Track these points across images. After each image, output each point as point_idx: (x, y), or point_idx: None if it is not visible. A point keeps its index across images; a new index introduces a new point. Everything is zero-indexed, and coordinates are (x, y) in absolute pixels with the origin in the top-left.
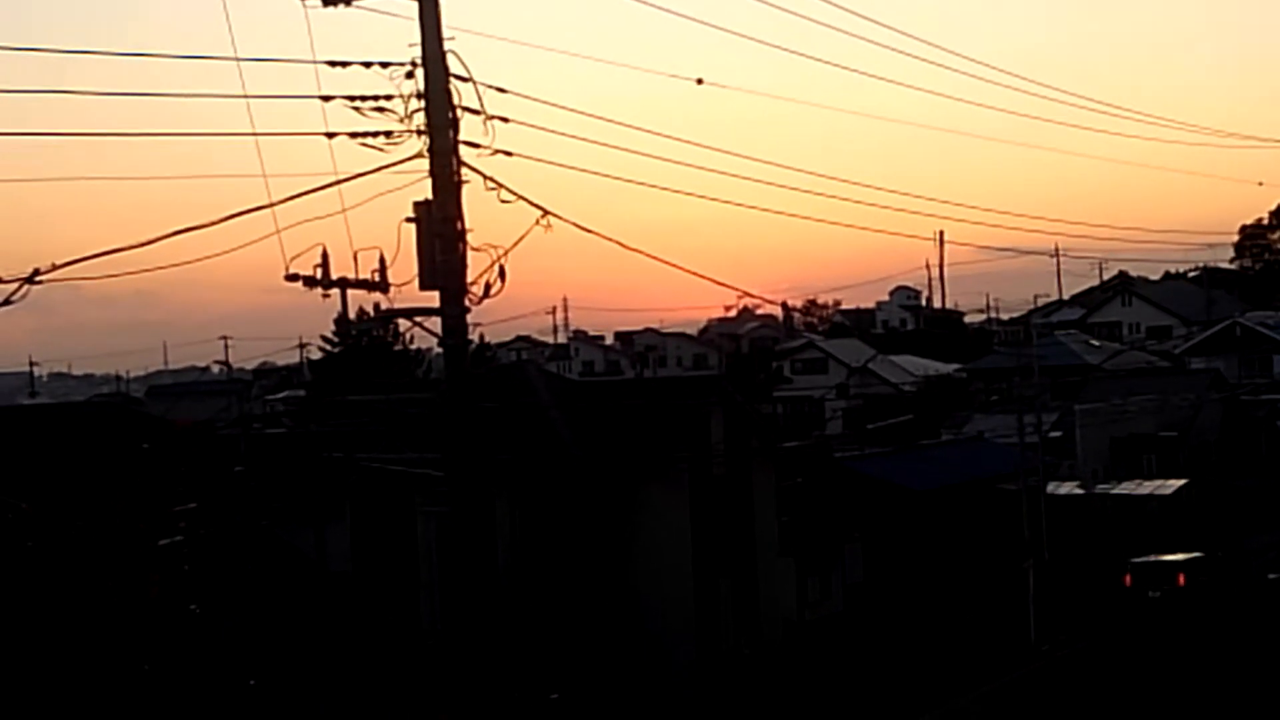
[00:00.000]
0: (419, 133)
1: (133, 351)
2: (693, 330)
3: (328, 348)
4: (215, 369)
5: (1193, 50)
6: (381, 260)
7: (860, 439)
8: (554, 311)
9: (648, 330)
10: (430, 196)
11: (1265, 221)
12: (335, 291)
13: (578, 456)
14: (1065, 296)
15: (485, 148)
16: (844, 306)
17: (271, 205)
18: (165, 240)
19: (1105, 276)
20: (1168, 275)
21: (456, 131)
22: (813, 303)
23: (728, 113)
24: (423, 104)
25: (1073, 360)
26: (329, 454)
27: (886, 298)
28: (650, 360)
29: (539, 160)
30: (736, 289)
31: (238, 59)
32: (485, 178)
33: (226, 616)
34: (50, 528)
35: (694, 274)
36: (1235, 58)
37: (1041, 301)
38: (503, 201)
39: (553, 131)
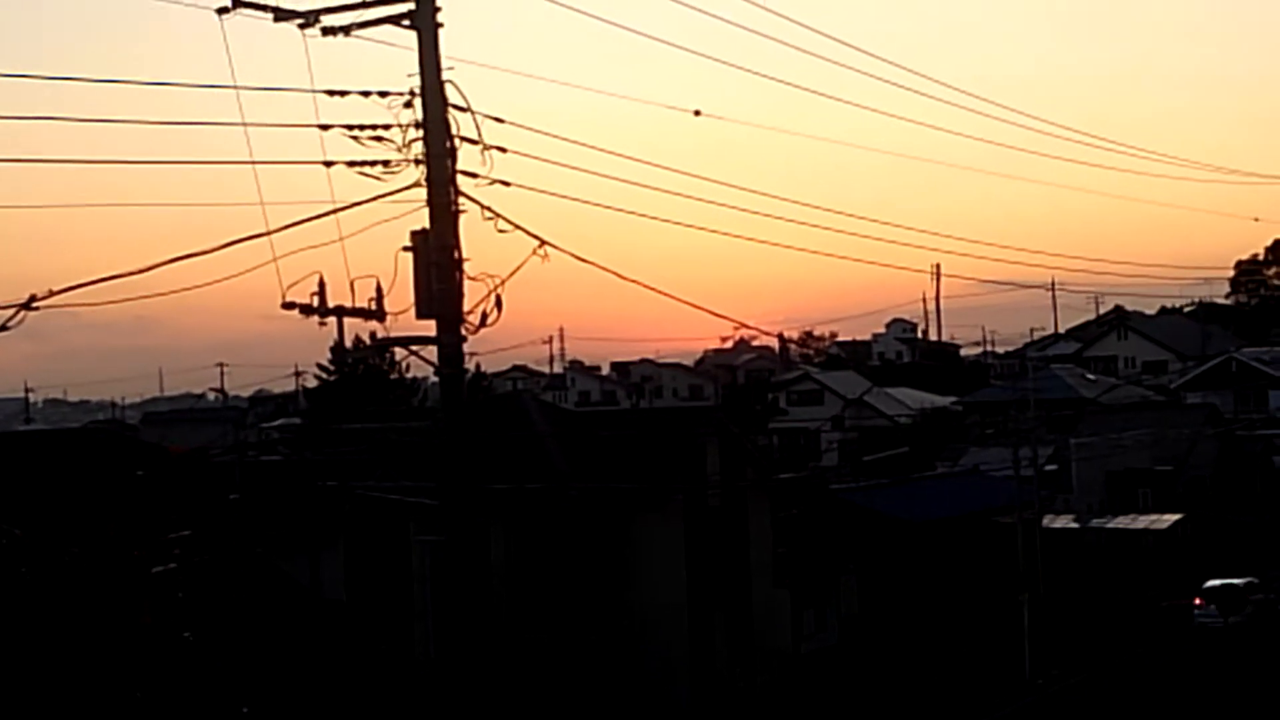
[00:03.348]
0: (417, 162)
1: (128, 378)
2: (689, 361)
3: (324, 376)
4: (211, 396)
5: (1190, 86)
6: (378, 289)
7: (856, 471)
8: (550, 341)
9: (644, 361)
10: (427, 225)
11: (1261, 257)
12: (332, 319)
13: (573, 487)
14: (1061, 330)
15: (483, 177)
16: (840, 338)
17: (269, 233)
18: (162, 267)
19: (1101, 311)
20: (1164, 310)
21: (454, 161)
22: (809, 334)
23: (725, 144)
24: (421, 133)
25: (1068, 394)
26: (324, 482)
27: (883, 330)
28: (646, 391)
29: (536, 190)
30: (733, 320)
31: (237, 87)
32: (483, 207)
33: (220, 644)
34: (44, 554)
35: (690, 305)
36: (1233, 94)
37: (1038, 335)
38: (500, 231)
39: (550, 162)
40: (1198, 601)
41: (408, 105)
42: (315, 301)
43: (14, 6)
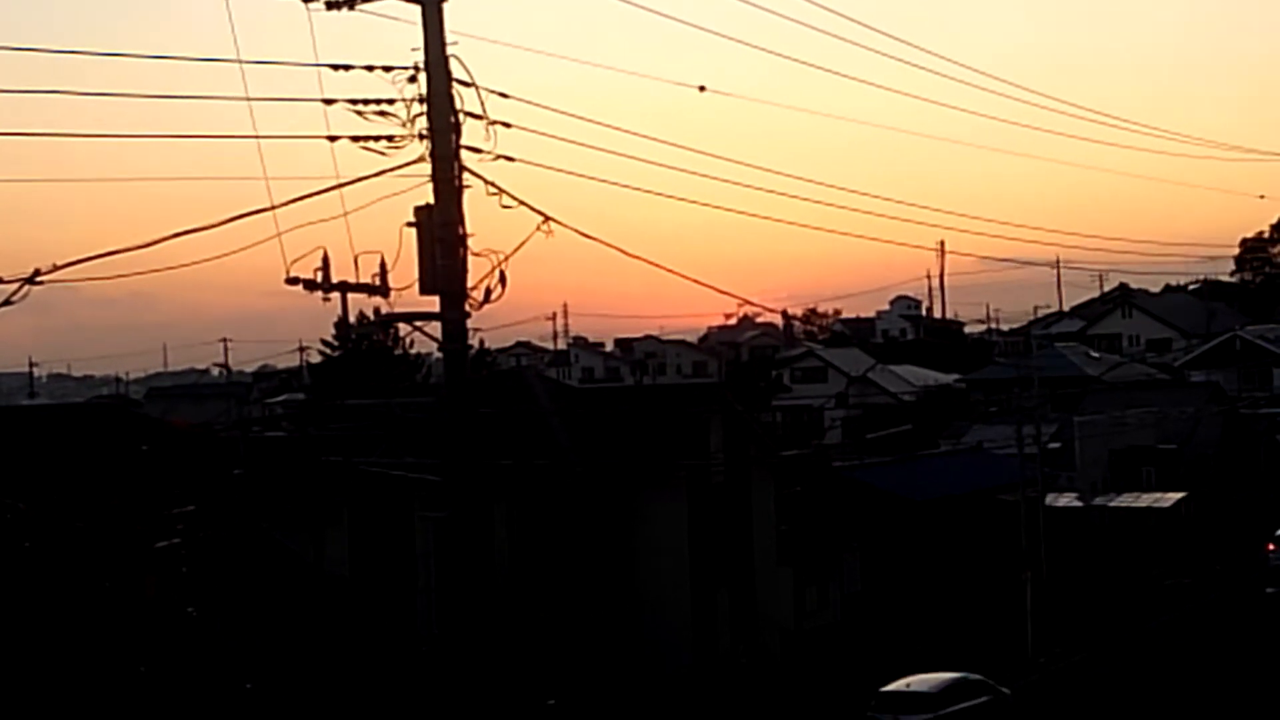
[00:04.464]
0: (421, 137)
1: (132, 353)
2: (693, 338)
3: (328, 351)
4: (215, 371)
5: (1195, 63)
6: (382, 264)
7: (859, 448)
8: (554, 317)
9: (648, 337)
10: (431, 201)
11: (1266, 235)
12: (336, 295)
13: (576, 463)
14: (1065, 308)
15: (487, 153)
16: (844, 316)
17: (273, 208)
18: (166, 242)
19: (1106, 288)
20: (1168, 288)
21: (458, 136)
22: (813, 311)
23: (730, 120)
24: (425, 108)
25: (1072, 372)
26: (328, 458)
27: (887, 307)
28: (650, 367)
29: (541, 166)
30: (737, 297)
31: (240, 61)
32: (487, 183)
33: (223, 619)
34: (48, 529)
35: (694, 281)
36: (1238, 71)
37: (1042, 313)
38: (504, 207)
39: (555, 137)
40: (1270, 547)
41: (412, 80)
42: (319, 277)
43: None
